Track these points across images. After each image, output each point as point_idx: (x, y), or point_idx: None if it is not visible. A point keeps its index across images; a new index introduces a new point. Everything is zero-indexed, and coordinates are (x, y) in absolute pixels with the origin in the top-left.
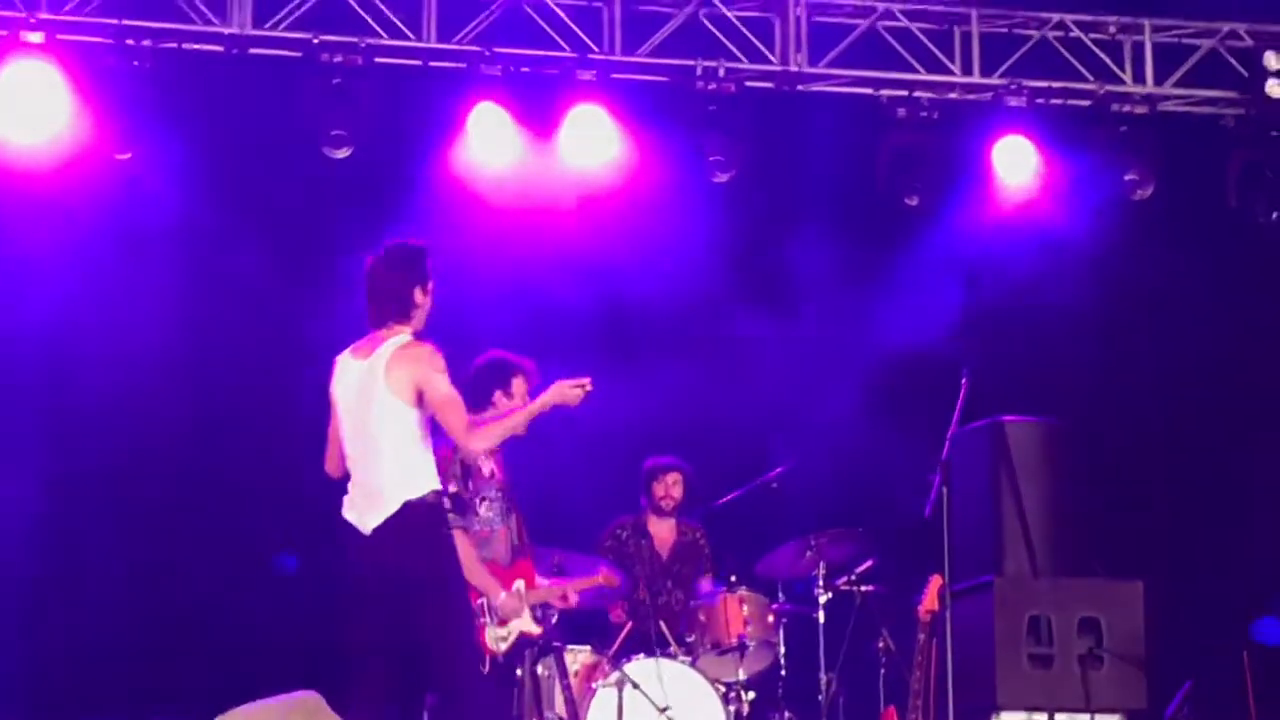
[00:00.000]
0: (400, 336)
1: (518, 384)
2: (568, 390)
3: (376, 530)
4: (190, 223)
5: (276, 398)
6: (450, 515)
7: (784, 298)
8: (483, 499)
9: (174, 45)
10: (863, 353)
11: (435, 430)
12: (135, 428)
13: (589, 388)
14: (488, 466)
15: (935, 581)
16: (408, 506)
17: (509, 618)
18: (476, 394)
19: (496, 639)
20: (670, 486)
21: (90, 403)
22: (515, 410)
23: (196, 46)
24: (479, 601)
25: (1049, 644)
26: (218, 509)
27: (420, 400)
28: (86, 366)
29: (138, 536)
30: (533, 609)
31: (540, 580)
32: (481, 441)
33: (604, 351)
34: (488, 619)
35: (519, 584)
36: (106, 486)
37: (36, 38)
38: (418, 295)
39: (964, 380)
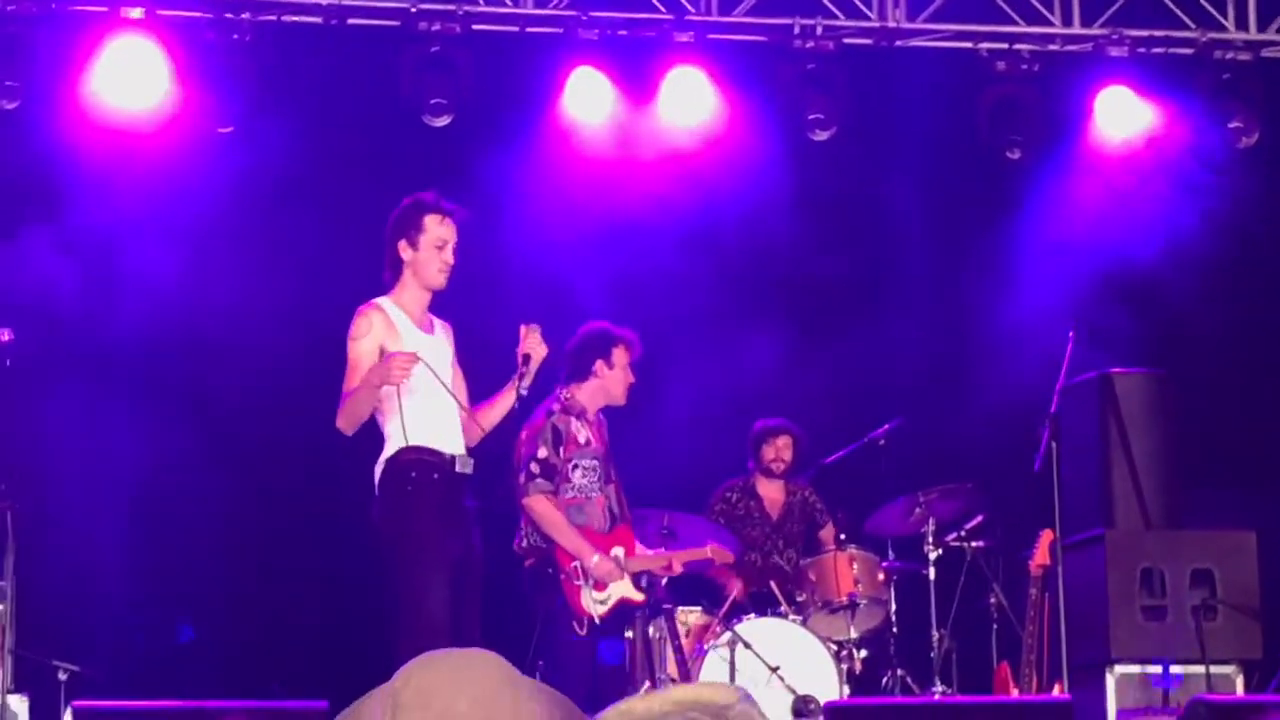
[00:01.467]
0: None
1: (618, 354)
2: (392, 363)
3: None
4: (292, 194)
5: None
6: (538, 481)
7: (885, 255)
8: (576, 466)
9: (273, 18)
10: (966, 308)
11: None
12: (232, 399)
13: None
14: (584, 434)
15: (1046, 536)
16: (383, 467)
17: (604, 581)
18: (578, 363)
19: (593, 602)
20: (781, 449)
21: (186, 375)
22: (358, 383)
23: (295, 19)
24: (572, 564)
25: (1162, 596)
26: (327, 472)
27: None
28: (184, 337)
29: (243, 504)
30: (636, 577)
31: (642, 549)
32: (339, 420)
33: (706, 312)
34: (582, 582)
35: (617, 550)
36: (205, 457)
37: (137, 13)
38: (402, 250)
39: (1071, 334)
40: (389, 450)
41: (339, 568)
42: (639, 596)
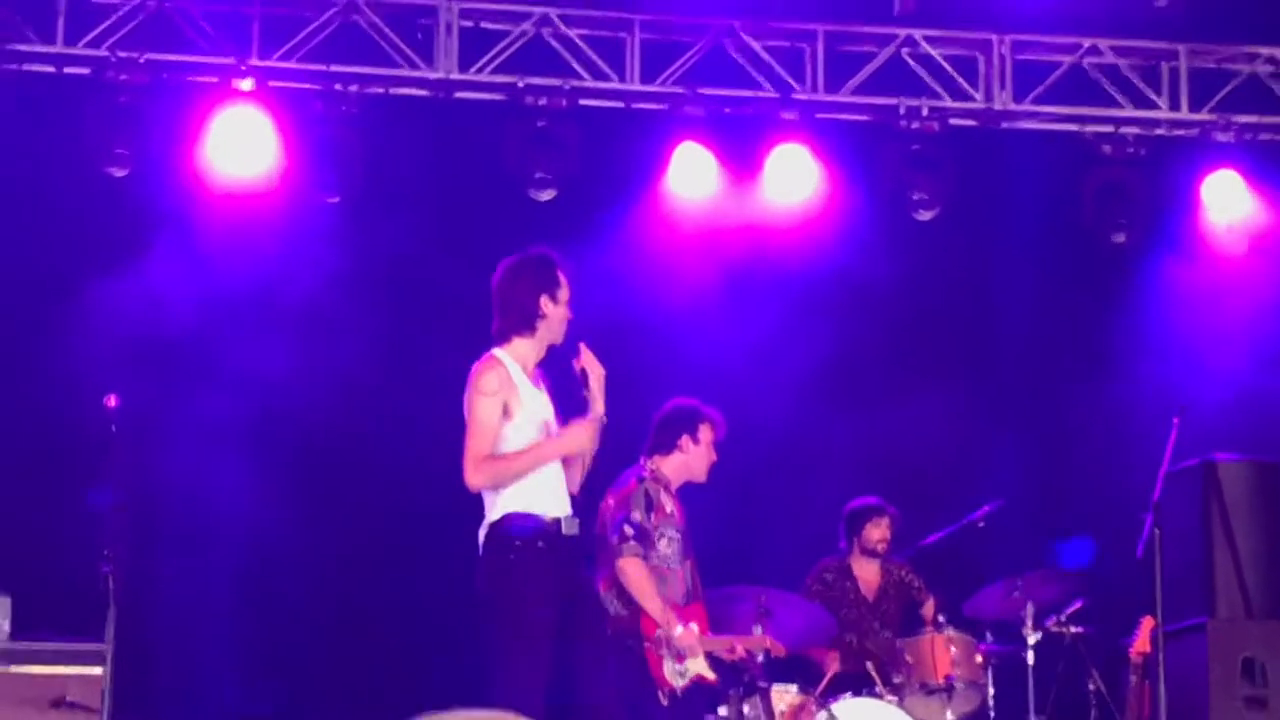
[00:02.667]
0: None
1: (704, 431)
2: (580, 434)
3: None
4: (398, 265)
5: None
6: (631, 544)
7: (988, 336)
8: (661, 535)
9: (381, 90)
10: (1070, 391)
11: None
12: (340, 466)
13: (602, 419)
14: (670, 505)
15: (1147, 623)
16: (487, 532)
17: (684, 654)
18: (663, 436)
19: (674, 673)
20: (885, 530)
21: (294, 440)
22: (532, 451)
23: (403, 91)
24: (656, 633)
25: (1263, 686)
26: (437, 539)
27: None
28: (293, 401)
29: (348, 570)
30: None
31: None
32: (477, 478)
33: (804, 389)
34: (665, 651)
35: (694, 626)
36: (312, 525)
37: (247, 85)
38: (545, 305)
39: (1175, 419)
40: (493, 515)
41: (450, 637)
42: (712, 675)
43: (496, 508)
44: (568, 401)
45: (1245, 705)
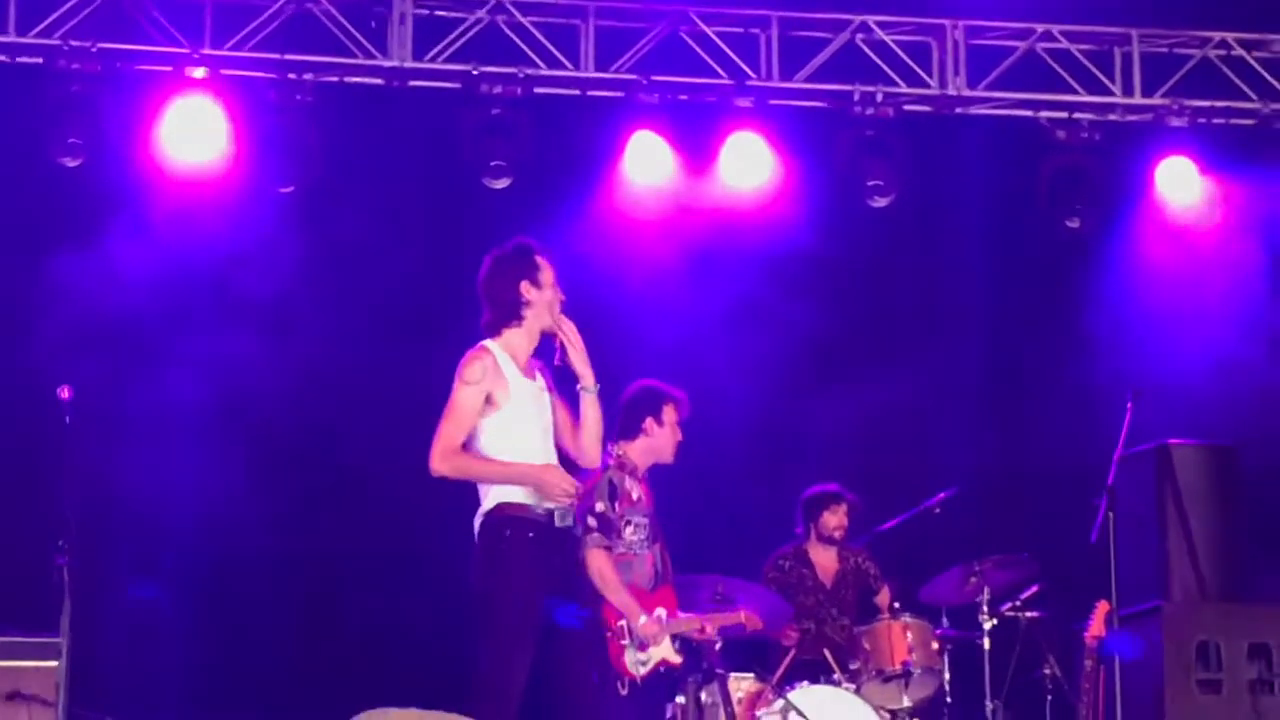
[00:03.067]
0: None
1: (668, 412)
2: (556, 480)
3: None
4: (352, 254)
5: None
6: (595, 535)
7: (943, 322)
8: (628, 522)
9: (335, 79)
10: (1024, 377)
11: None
12: (294, 455)
13: (572, 495)
14: (635, 491)
15: (1102, 607)
16: (480, 521)
17: (649, 642)
18: (629, 419)
19: (636, 662)
20: (842, 517)
21: (250, 429)
22: (503, 465)
23: (357, 80)
24: (619, 623)
25: (1218, 670)
26: (398, 529)
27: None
28: (249, 390)
29: (305, 563)
30: (672, 639)
31: (680, 612)
32: (441, 466)
33: (761, 376)
34: (628, 641)
35: (660, 611)
36: (268, 515)
37: (200, 73)
38: (526, 291)
39: (1130, 403)
40: (486, 505)
41: (414, 629)
42: (677, 659)
43: (490, 498)
44: (574, 396)
45: (1199, 688)
